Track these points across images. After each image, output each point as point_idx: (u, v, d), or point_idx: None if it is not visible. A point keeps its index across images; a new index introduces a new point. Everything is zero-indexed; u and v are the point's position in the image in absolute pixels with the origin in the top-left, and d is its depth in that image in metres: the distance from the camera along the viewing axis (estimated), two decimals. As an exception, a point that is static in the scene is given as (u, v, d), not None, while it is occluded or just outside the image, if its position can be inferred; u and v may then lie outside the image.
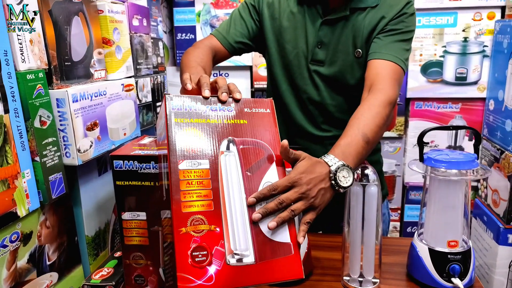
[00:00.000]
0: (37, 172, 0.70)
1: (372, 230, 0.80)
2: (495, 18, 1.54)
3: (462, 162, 0.79)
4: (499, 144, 1.47)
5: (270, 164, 0.67)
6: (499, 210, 1.43)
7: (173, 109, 0.64)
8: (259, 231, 0.63)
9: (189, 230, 0.60)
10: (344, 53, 0.99)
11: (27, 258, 0.69)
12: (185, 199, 0.61)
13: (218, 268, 0.60)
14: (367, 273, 0.82)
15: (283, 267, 0.63)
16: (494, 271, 1.44)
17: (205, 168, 0.63)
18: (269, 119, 0.70)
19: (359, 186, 0.79)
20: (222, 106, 0.68)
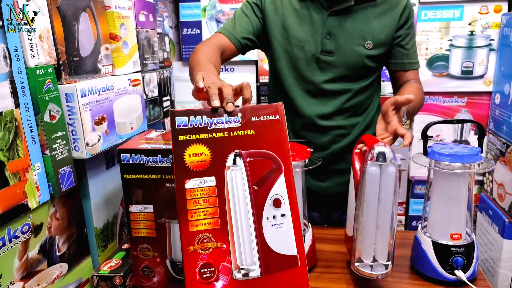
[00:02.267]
0: (47, 165, 0.72)
1: (388, 212, 0.76)
2: (501, 11, 1.53)
3: (465, 156, 0.79)
4: (505, 138, 1.47)
5: (278, 175, 0.66)
6: (505, 204, 1.43)
7: (178, 126, 0.64)
8: (265, 245, 0.65)
9: (197, 248, 0.64)
10: (353, 43, 1.03)
11: (38, 249, 0.71)
12: (192, 218, 0.64)
13: (225, 283, 0.64)
14: (380, 256, 0.79)
15: (289, 279, 0.65)
16: (499, 264, 1.45)
17: (211, 185, 0.64)
18: (279, 126, 0.67)
19: (375, 166, 0.74)
20: (229, 117, 0.65)
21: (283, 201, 0.66)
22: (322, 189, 1.14)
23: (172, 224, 0.80)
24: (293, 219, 0.66)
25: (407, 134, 0.80)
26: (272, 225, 0.65)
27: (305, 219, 0.91)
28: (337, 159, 1.11)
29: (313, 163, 0.85)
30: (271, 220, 0.65)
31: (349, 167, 1.11)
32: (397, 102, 0.83)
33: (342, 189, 1.12)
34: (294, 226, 0.66)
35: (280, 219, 0.66)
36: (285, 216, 0.66)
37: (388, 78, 1.16)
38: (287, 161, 0.66)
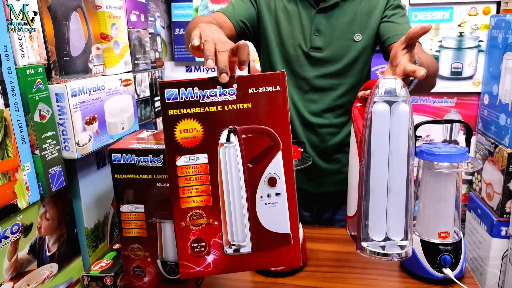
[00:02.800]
0: (37, 165, 0.72)
1: (403, 168, 0.59)
2: (490, 13, 1.55)
3: (453, 155, 0.80)
4: (493, 138, 1.49)
5: (275, 153, 0.62)
6: (493, 203, 1.45)
7: (168, 99, 0.59)
8: (257, 223, 0.63)
9: (189, 224, 0.63)
10: (342, 38, 1.04)
11: (27, 249, 0.71)
12: (184, 195, 0.62)
13: (216, 257, 0.64)
14: (394, 233, 0.61)
15: (281, 255, 0.64)
16: (487, 263, 1.47)
17: (203, 162, 0.61)
18: (279, 98, 0.60)
19: (384, 103, 0.59)
20: (223, 89, 0.60)
21: (279, 179, 0.62)
22: (313, 188, 1.14)
23: (163, 223, 0.80)
24: (288, 198, 0.63)
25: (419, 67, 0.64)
26: (266, 204, 0.63)
27: (296, 219, 0.92)
28: (328, 159, 1.12)
29: (303, 163, 0.86)
30: (265, 199, 0.62)
31: (339, 167, 1.13)
32: (409, 35, 0.66)
33: (332, 189, 1.14)
34: (289, 205, 0.63)
35: (274, 197, 0.63)
36: (280, 195, 0.63)
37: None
38: (286, 137, 0.61)
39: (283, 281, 0.86)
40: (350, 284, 0.85)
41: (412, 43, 0.68)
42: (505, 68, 1.41)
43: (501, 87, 1.44)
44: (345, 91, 1.07)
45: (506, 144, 1.39)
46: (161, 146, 0.77)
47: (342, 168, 1.12)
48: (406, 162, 0.60)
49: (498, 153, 1.42)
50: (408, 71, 0.64)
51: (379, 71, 1.64)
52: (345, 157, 1.12)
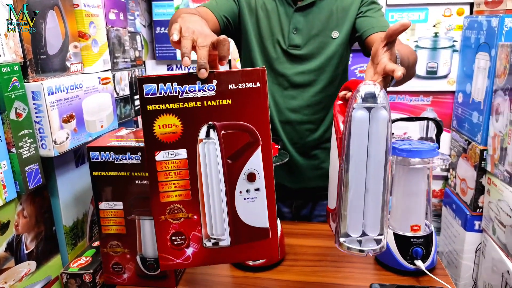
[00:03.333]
0: (14, 163, 0.72)
1: (380, 170, 0.62)
2: (464, 14, 1.60)
3: (423, 151, 0.83)
4: (466, 135, 1.54)
5: (255, 149, 0.62)
6: (467, 198, 1.50)
7: (147, 94, 0.59)
8: (236, 218, 0.64)
9: (168, 218, 0.63)
10: (319, 35, 1.07)
11: (4, 246, 0.71)
12: (163, 189, 0.62)
13: (195, 250, 0.64)
14: (371, 229, 0.65)
15: (259, 248, 0.65)
16: (462, 256, 1.52)
17: (182, 158, 0.62)
18: (259, 94, 0.60)
19: (363, 109, 0.61)
20: (202, 85, 0.59)
21: (258, 175, 0.63)
22: (292, 184, 1.17)
23: (142, 220, 0.81)
24: (267, 193, 0.64)
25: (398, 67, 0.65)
26: (245, 199, 0.63)
27: (274, 214, 0.94)
28: (306, 155, 1.14)
29: (280, 160, 0.88)
30: (244, 194, 0.63)
31: (317, 163, 1.15)
32: (389, 32, 0.66)
33: (311, 185, 1.16)
34: (268, 200, 0.64)
35: (253, 193, 0.63)
36: (259, 190, 0.63)
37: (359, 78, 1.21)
38: (266, 133, 0.62)
39: (261, 276, 0.88)
40: (326, 277, 0.87)
41: (392, 40, 0.69)
42: (477, 68, 1.46)
43: (474, 86, 1.49)
44: (323, 87, 1.09)
45: (478, 141, 1.43)
46: (140, 144, 0.78)
47: (321, 164, 1.15)
48: (384, 165, 0.62)
49: (471, 150, 1.47)
50: (388, 70, 0.65)
51: (358, 70, 1.68)
52: (323, 153, 1.14)
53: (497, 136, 1.30)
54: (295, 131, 1.12)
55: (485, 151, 1.39)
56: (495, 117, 1.32)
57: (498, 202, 1.30)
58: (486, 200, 1.39)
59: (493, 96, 1.34)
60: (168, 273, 0.83)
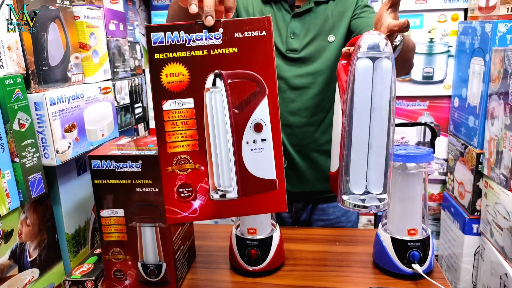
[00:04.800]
0: (17, 172, 0.73)
1: (384, 124, 0.61)
2: (458, 19, 1.62)
3: (419, 156, 0.85)
4: (463, 139, 1.55)
5: (261, 99, 0.62)
6: (465, 202, 1.51)
7: (154, 43, 0.59)
8: (243, 169, 0.63)
9: (175, 169, 0.63)
10: (316, 40, 1.10)
11: (8, 255, 0.72)
12: (170, 140, 0.62)
13: (202, 203, 0.64)
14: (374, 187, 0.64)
15: (267, 201, 0.64)
16: (461, 259, 1.53)
17: (189, 107, 0.61)
18: (264, 43, 0.60)
19: (367, 59, 0.60)
20: (209, 33, 0.59)
21: (264, 125, 0.63)
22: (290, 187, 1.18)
23: (143, 227, 0.82)
24: (274, 144, 0.63)
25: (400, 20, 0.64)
26: (252, 149, 0.63)
27: (273, 219, 0.95)
28: (305, 158, 1.16)
29: None
30: (251, 144, 0.63)
31: (316, 166, 1.17)
32: None
33: (309, 188, 1.18)
34: (275, 151, 0.63)
35: (260, 143, 0.63)
36: (266, 140, 0.63)
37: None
38: (272, 83, 0.62)
39: (261, 281, 0.89)
40: (325, 281, 0.88)
41: (395, 2, 0.68)
42: (472, 72, 1.48)
43: (469, 90, 1.51)
44: (321, 90, 1.12)
45: (475, 145, 1.45)
46: (140, 152, 0.79)
47: (320, 166, 1.16)
48: (387, 118, 0.61)
49: (468, 154, 1.49)
50: (392, 26, 0.65)
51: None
52: (322, 156, 1.16)
53: (493, 140, 1.32)
54: (294, 133, 1.14)
55: (481, 154, 1.41)
56: (491, 121, 1.34)
57: (495, 205, 1.31)
58: (484, 204, 1.41)
59: (488, 100, 1.36)
60: (169, 279, 0.84)
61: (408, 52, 0.91)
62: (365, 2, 1.13)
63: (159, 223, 0.81)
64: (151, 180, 0.78)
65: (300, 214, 1.23)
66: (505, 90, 1.23)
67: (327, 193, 1.19)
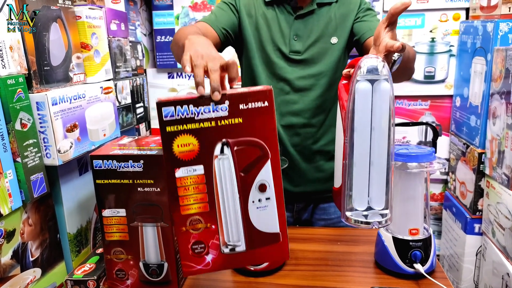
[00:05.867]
0: (19, 172, 0.73)
1: (384, 143, 0.63)
2: (460, 19, 1.62)
3: (420, 156, 0.85)
4: (465, 138, 1.55)
5: (265, 162, 0.67)
6: (466, 202, 1.51)
7: (165, 117, 0.64)
8: (250, 225, 0.69)
9: (189, 229, 0.69)
10: (319, 41, 1.10)
11: (10, 254, 0.73)
12: (183, 203, 0.68)
13: (214, 256, 0.70)
14: (376, 203, 0.67)
15: (271, 251, 0.71)
16: (463, 259, 1.52)
17: (200, 173, 0.67)
18: (267, 113, 0.66)
19: (366, 82, 0.63)
20: (216, 106, 0.64)
21: (268, 185, 0.68)
22: (292, 187, 1.18)
23: (145, 227, 0.82)
24: (277, 201, 0.69)
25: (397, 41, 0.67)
26: (257, 208, 0.69)
27: (274, 219, 0.95)
28: (307, 158, 1.16)
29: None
30: (256, 203, 0.68)
31: (317, 166, 1.17)
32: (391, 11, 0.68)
33: (311, 188, 1.18)
34: (278, 207, 0.70)
35: (265, 202, 0.69)
36: (270, 199, 0.69)
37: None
38: (274, 147, 0.67)
39: (263, 280, 0.89)
40: (327, 281, 0.88)
41: (394, 20, 0.71)
42: (474, 72, 1.48)
43: (471, 90, 1.50)
44: (323, 91, 1.12)
45: (476, 144, 1.45)
46: (142, 152, 0.79)
47: (321, 166, 1.16)
48: (387, 137, 0.64)
49: (470, 153, 1.49)
50: (388, 46, 0.67)
51: (356, 75, 1.69)
52: (323, 156, 1.16)
53: (495, 140, 1.31)
54: (296, 134, 1.14)
55: (483, 154, 1.41)
56: (492, 121, 1.34)
57: (497, 205, 1.31)
58: (485, 203, 1.40)
59: (490, 100, 1.36)
60: (171, 279, 0.84)
61: (408, 62, 0.93)
62: (367, 5, 1.13)
63: (161, 222, 0.81)
64: (152, 180, 0.78)
65: (302, 214, 1.23)
66: (507, 89, 1.23)
67: (328, 193, 1.19)
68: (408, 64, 0.93)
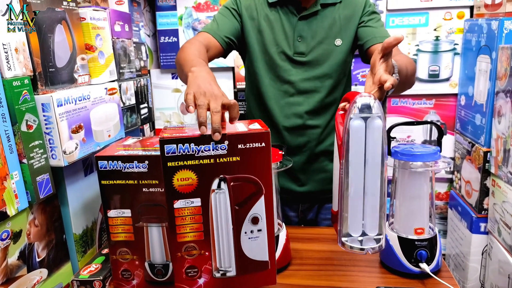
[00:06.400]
0: (25, 173, 0.74)
1: (377, 175, 0.69)
2: (464, 17, 1.61)
3: (425, 155, 0.85)
4: (470, 137, 1.54)
5: (259, 197, 0.71)
6: (472, 200, 1.50)
7: (167, 153, 0.67)
8: (241, 253, 0.73)
9: (184, 255, 0.73)
10: (323, 43, 1.10)
11: (17, 255, 0.73)
12: (180, 231, 0.71)
13: (206, 280, 0.74)
14: (370, 229, 0.72)
15: (260, 277, 0.76)
16: (468, 258, 1.51)
17: (197, 205, 0.71)
18: (263, 152, 0.70)
19: (359, 119, 0.67)
20: (216, 145, 0.68)
21: (260, 218, 0.73)
22: (297, 187, 1.18)
23: (150, 227, 0.82)
24: (268, 232, 0.74)
25: (390, 78, 0.71)
26: (249, 238, 0.73)
27: (279, 219, 0.95)
28: (311, 158, 1.16)
29: (284, 165, 0.89)
30: (249, 234, 0.73)
31: (322, 166, 1.17)
32: (384, 45, 0.74)
33: (315, 188, 1.17)
34: (268, 238, 0.74)
35: (256, 233, 0.74)
36: (261, 230, 0.73)
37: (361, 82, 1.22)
38: (268, 184, 0.71)
39: (267, 280, 0.89)
40: (332, 281, 0.88)
41: (387, 52, 0.76)
42: (479, 70, 1.47)
43: (476, 88, 1.50)
44: (327, 93, 1.12)
45: (482, 143, 1.44)
46: (147, 153, 0.80)
47: (326, 166, 1.16)
48: (380, 169, 0.69)
49: (475, 152, 1.48)
50: (382, 80, 0.72)
51: (360, 75, 1.69)
52: (327, 157, 1.16)
53: (500, 138, 1.31)
54: (300, 135, 1.14)
55: (488, 153, 1.40)
56: (498, 119, 1.33)
57: (503, 203, 1.30)
58: (491, 202, 1.40)
59: (495, 98, 1.35)
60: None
61: (407, 79, 0.95)
62: (372, 8, 1.12)
63: (166, 223, 0.81)
64: (157, 180, 0.78)
65: (307, 214, 1.23)
66: (512, 87, 1.22)
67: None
68: (407, 81, 0.97)
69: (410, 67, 0.97)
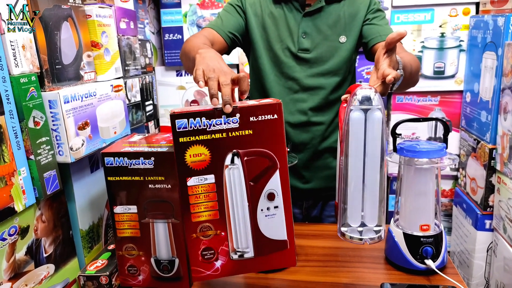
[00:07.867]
0: (32, 169, 0.74)
1: (376, 167, 0.69)
2: (470, 13, 1.60)
3: (431, 151, 0.84)
4: (475, 134, 1.54)
5: (273, 172, 0.70)
6: (477, 198, 1.50)
7: (179, 128, 0.67)
8: (259, 232, 0.71)
9: (199, 236, 0.71)
10: (328, 40, 1.10)
11: (25, 250, 0.74)
12: (194, 211, 0.70)
13: (223, 262, 0.72)
14: (369, 220, 0.73)
15: (279, 258, 0.73)
16: (473, 255, 1.51)
17: (211, 182, 0.69)
18: (276, 125, 0.68)
19: (359, 111, 0.68)
20: (227, 118, 0.67)
21: (276, 194, 0.71)
22: (302, 184, 1.18)
23: (156, 223, 0.83)
24: (285, 209, 0.72)
25: (393, 71, 0.73)
26: (265, 216, 0.71)
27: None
28: (316, 155, 1.16)
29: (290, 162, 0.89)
30: (265, 211, 0.71)
31: (326, 163, 1.17)
32: (388, 41, 0.75)
33: (320, 185, 1.18)
34: (286, 215, 0.72)
35: (273, 210, 0.71)
36: (278, 207, 0.71)
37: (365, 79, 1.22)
38: (283, 158, 0.70)
39: (273, 276, 0.89)
40: (337, 277, 0.88)
41: (391, 47, 0.76)
42: (485, 67, 1.46)
43: (482, 85, 1.49)
44: (332, 90, 1.12)
45: (487, 140, 1.43)
46: (153, 149, 0.80)
47: (330, 163, 1.16)
48: (380, 160, 0.70)
49: (480, 149, 1.47)
50: (384, 75, 0.73)
51: (364, 71, 1.69)
52: (332, 153, 1.16)
53: (506, 135, 1.30)
54: (305, 132, 1.14)
55: (494, 150, 1.39)
56: (503, 116, 1.32)
57: (508, 200, 1.30)
58: (496, 199, 1.39)
59: (501, 95, 1.34)
60: (182, 275, 0.85)
61: (411, 76, 0.95)
62: (377, 6, 1.12)
63: (172, 219, 0.81)
64: (163, 177, 0.79)
65: (311, 211, 1.23)
66: (519, 84, 1.22)
67: (338, 189, 1.19)
68: (411, 78, 0.97)
69: (415, 65, 0.97)
